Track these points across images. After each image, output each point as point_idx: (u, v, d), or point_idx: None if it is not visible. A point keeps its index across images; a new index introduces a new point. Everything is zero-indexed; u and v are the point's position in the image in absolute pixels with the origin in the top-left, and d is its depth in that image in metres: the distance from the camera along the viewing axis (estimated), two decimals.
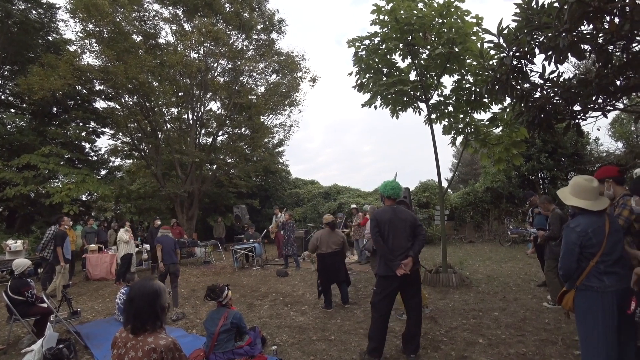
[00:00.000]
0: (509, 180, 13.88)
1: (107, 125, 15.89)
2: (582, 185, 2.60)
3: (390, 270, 3.59)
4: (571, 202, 2.60)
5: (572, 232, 2.50)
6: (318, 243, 5.95)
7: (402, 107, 7.27)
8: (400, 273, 3.53)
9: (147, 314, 1.85)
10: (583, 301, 2.50)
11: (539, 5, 2.90)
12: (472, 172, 30.47)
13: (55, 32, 15.18)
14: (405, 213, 3.82)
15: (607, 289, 2.40)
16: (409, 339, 3.72)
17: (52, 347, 4.00)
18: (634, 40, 2.88)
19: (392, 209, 3.82)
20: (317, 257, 6.08)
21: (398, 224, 3.72)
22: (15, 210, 14.20)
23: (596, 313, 2.42)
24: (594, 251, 2.44)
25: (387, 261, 3.62)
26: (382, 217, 3.77)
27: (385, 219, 3.73)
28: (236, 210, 13.94)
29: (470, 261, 9.41)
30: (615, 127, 15.26)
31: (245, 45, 15.69)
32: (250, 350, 3.86)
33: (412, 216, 3.84)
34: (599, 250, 2.44)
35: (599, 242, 2.44)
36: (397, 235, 3.69)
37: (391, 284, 3.63)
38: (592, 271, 2.45)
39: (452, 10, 5.95)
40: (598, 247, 2.44)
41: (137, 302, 1.85)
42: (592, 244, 2.44)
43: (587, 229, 2.45)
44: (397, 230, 3.70)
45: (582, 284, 2.50)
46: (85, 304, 7.03)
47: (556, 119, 3.69)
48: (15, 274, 4.97)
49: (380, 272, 3.71)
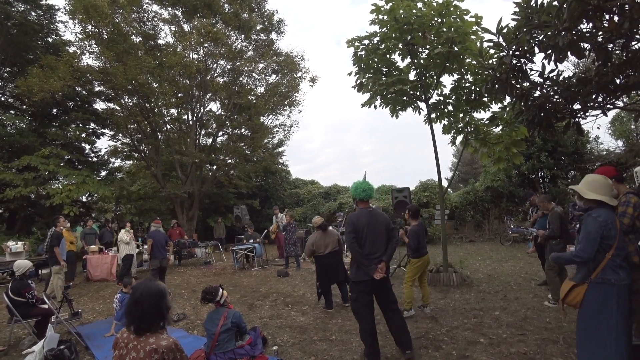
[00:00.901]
0: (509, 179, 13.88)
1: (107, 127, 15.89)
2: (601, 181, 2.67)
3: (365, 275, 3.51)
4: (592, 196, 2.63)
5: (595, 221, 2.52)
6: (314, 247, 5.88)
7: (401, 107, 7.26)
8: (379, 277, 3.47)
9: (152, 315, 1.85)
10: (598, 294, 2.51)
11: (538, 4, 2.90)
12: (472, 172, 30.46)
13: (55, 33, 15.18)
14: (381, 216, 3.74)
15: (622, 282, 2.45)
16: (399, 336, 3.69)
17: (53, 348, 4.00)
18: (634, 38, 2.88)
19: (367, 212, 3.68)
20: (315, 260, 6.05)
21: (375, 228, 3.60)
22: (16, 211, 14.20)
23: (612, 306, 2.45)
24: (611, 243, 2.48)
25: (362, 266, 3.52)
26: (358, 221, 3.60)
27: (362, 223, 3.58)
28: (236, 211, 13.95)
29: (471, 260, 9.41)
30: (615, 125, 15.25)
31: (245, 45, 15.71)
32: (251, 350, 3.86)
33: (387, 219, 3.76)
34: (615, 243, 2.49)
35: (615, 235, 2.50)
36: (374, 240, 3.58)
37: (366, 288, 3.56)
38: (609, 264, 2.49)
39: (451, 10, 5.95)
40: (614, 240, 2.49)
41: (142, 304, 1.85)
42: (611, 235, 2.49)
43: (607, 220, 2.50)
44: (374, 234, 3.59)
45: (599, 277, 2.51)
46: (86, 305, 7.03)
47: (556, 117, 3.68)
48: (16, 275, 4.97)
49: (354, 278, 3.60)
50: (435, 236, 13.15)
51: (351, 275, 3.68)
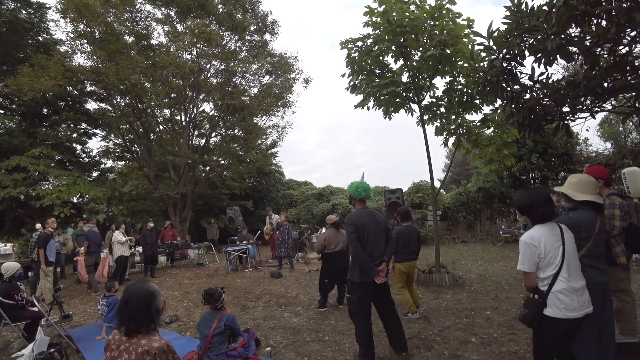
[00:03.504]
0: (501, 180, 14.03)
1: (98, 127, 15.71)
2: (587, 180, 2.73)
3: (367, 277, 3.48)
4: (581, 198, 2.65)
5: (568, 219, 2.56)
6: (326, 243, 5.94)
7: (394, 109, 7.31)
8: (380, 281, 3.47)
9: (141, 316, 1.84)
10: None
11: (528, 8, 2.95)
12: (464, 173, 30.70)
13: (46, 32, 14.98)
14: (379, 216, 3.76)
15: (591, 279, 2.45)
16: (395, 338, 3.72)
17: (43, 351, 3.95)
18: (620, 42, 2.94)
19: (367, 212, 3.68)
20: (322, 257, 6.08)
21: (375, 228, 3.60)
22: (5, 212, 13.96)
23: None
24: (580, 244, 2.49)
25: (365, 268, 3.49)
26: (360, 221, 3.58)
27: (363, 223, 3.57)
28: (229, 212, 13.89)
29: (463, 261, 9.49)
30: (604, 127, 15.51)
31: (238, 46, 15.68)
32: (244, 352, 3.85)
33: (384, 219, 3.78)
34: (586, 244, 2.52)
35: (587, 237, 2.53)
36: (374, 240, 3.59)
37: (367, 290, 3.54)
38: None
39: (444, 13, 6.01)
40: (585, 241, 2.52)
41: (131, 304, 1.84)
42: (581, 237, 2.51)
43: (581, 222, 2.53)
44: (374, 234, 3.59)
45: None
46: (77, 307, 6.95)
47: (546, 120, 3.74)
48: (5, 278, 4.90)
49: (356, 279, 3.55)
50: (427, 237, 13.23)
51: (353, 276, 3.60)
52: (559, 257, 2.28)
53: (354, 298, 3.63)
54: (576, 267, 2.34)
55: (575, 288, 2.26)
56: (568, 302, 2.23)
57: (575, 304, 2.24)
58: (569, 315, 2.23)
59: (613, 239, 3.23)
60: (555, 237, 2.33)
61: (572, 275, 2.29)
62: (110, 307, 4.98)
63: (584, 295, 2.29)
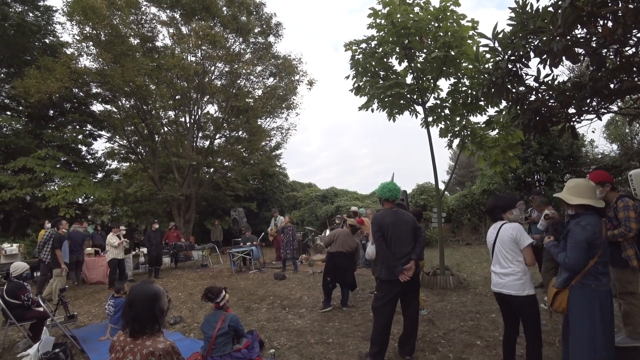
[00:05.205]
0: (506, 182, 13.96)
1: (103, 128, 15.84)
2: (584, 184, 2.65)
3: (393, 275, 3.52)
4: (576, 201, 2.59)
5: (584, 230, 2.48)
6: (334, 239, 5.96)
7: (398, 110, 7.30)
8: (404, 279, 3.48)
9: (146, 317, 1.85)
10: (582, 298, 2.52)
11: (533, 9, 2.94)
12: (469, 175, 30.58)
13: (52, 34, 15.14)
14: (406, 215, 3.80)
15: (602, 287, 2.46)
16: (405, 342, 3.72)
17: (48, 351, 3.97)
18: (627, 44, 2.92)
19: (392, 211, 3.75)
20: (327, 256, 6.12)
21: (400, 227, 3.64)
22: (11, 213, 14.10)
23: (593, 310, 2.46)
24: (595, 252, 2.47)
25: (390, 266, 3.54)
26: (383, 220, 3.66)
27: (387, 222, 3.64)
28: (233, 214, 13.93)
29: (468, 263, 9.43)
30: (610, 129, 15.37)
31: (243, 48, 15.72)
32: (248, 353, 3.85)
33: (413, 218, 3.82)
34: (599, 251, 2.48)
35: (601, 244, 2.49)
36: (400, 239, 3.62)
37: (394, 289, 3.57)
38: (590, 271, 2.49)
39: (448, 15, 6.01)
40: (598, 248, 2.48)
41: (136, 305, 1.85)
42: (597, 244, 2.48)
43: (595, 229, 2.49)
44: (399, 233, 3.63)
45: (579, 282, 2.52)
46: (82, 308, 6.98)
47: (551, 121, 3.72)
48: (12, 277, 4.93)
49: (383, 276, 3.61)
50: (432, 239, 13.18)
51: (380, 274, 3.68)
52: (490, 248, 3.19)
53: (380, 295, 3.68)
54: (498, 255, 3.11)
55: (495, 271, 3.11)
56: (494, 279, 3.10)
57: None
58: (494, 290, 3.10)
59: (626, 242, 3.19)
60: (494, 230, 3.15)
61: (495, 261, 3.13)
62: (117, 308, 5.00)
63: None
